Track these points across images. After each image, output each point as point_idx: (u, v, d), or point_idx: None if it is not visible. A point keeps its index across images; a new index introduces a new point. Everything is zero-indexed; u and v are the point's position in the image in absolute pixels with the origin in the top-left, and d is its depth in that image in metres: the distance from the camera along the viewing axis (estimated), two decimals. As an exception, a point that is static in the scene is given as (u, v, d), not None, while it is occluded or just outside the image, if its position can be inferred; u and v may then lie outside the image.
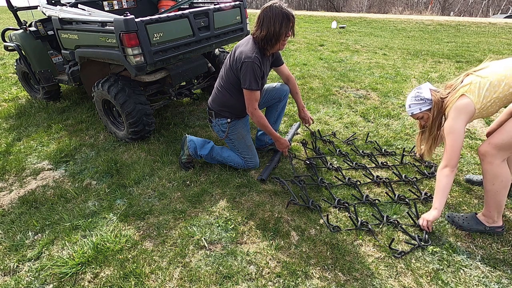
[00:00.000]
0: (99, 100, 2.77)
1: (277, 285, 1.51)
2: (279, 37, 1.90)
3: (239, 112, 2.20)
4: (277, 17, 1.84)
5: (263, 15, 1.88)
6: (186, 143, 2.34)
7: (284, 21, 1.86)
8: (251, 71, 1.92)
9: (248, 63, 1.91)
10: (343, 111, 3.29)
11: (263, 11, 1.89)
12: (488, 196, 1.66)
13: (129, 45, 2.17)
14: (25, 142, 2.96)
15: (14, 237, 1.87)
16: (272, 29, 1.86)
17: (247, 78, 1.94)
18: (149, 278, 1.56)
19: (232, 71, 2.04)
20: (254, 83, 1.96)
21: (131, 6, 3.74)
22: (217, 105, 2.20)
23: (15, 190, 2.30)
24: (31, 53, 3.36)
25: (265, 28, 1.88)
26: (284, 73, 2.38)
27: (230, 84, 2.10)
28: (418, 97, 1.82)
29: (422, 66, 4.85)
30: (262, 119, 2.09)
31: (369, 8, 20.17)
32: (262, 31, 1.89)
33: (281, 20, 1.85)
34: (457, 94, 1.64)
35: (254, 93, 2.00)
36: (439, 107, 1.76)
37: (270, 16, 1.85)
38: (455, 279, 1.51)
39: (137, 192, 2.20)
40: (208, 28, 2.76)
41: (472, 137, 2.73)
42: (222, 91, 2.15)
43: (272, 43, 1.93)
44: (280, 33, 1.88)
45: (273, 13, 1.84)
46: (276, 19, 1.84)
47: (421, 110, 1.83)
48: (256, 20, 1.93)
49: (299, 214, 1.93)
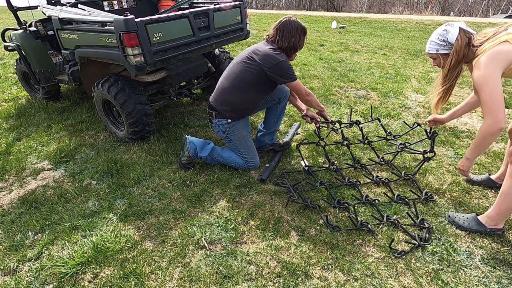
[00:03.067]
0: (99, 100, 2.78)
1: (277, 285, 1.51)
2: (297, 48, 2.10)
3: (240, 112, 2.21)
4: (297, 31, 2.05)
5: (283, 27, 2.05)
6: (186, 144, 2.34)
7: (303, 34, 2.09)
8: (289, 67, 2.06)
9: (283, 62, 2.03)
10: (343, 111, 3.29)
11: (283, 23, 2.06)
12: (504, 199, 1.59)
13: (129, 45, 2.17)
14: (25, 142, 2.96)
15: (14, 237, 1.87)
16: (293, 40, 2.06)
17: (289, 72, 2.05)
18: (149, 278, 1.56)
19: (249, 71, 2.06)
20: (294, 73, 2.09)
21: (131, 6, 3.74)
22: (220, 104, 2.19)
23: (15, 190, 2.30)
24: (31, 53, 3.36)
25: (286, 39, 2.05)
26: None
27: (240, 85, 2.11)
28: (442, 36, 1.59)
29: (422, 66, 4.85)
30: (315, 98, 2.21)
31: (369, 8, 20.17)
32: (284, 42, 2.06)
33: (300, 33, 2.07)
34: (498, 41, 1.42)
35: (300, 82, 2.12)
36: (460, 56, 1.55)
37: (291, 29, 2.04)
38: (455, 279, 1.51)
39: (137, 192, 2.20)
40: (208, 28, 2.76)
41: (472, 137, 2.72)
42: (228, 91, 2.15)
43: (291, 53, 2.12)
44: (299, 45, 2.10)
45: (293, 27, 2.04)
46: (296, 32, 2.05)
47: (437, 51, 1.63)
48: (274, 31, 2.08)
49: (299, 214, 1.93)
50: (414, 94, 3.71)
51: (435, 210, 1.92)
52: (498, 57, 1.40)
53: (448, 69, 1.61)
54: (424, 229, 1.75)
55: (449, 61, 1.58)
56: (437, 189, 2.10)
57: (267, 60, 2.00)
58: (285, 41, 2.05)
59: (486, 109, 1.44)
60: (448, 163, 2.38)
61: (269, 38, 2.11)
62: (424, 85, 3.99)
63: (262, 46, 2.08)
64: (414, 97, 3.64)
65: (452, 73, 1.62)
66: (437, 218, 1.86)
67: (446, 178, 2.21)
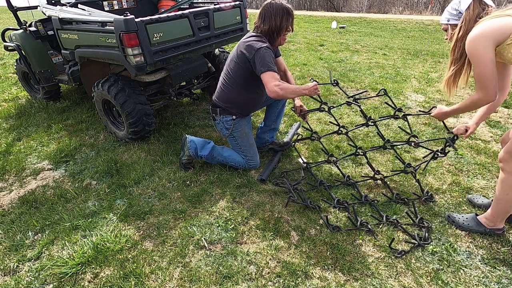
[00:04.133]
0: (99, 100, 2.77)
1: (277, 285, 1.51)
2: (280, 31, 2.01)
3: (244, 109, 2.22)
4: (278, 12, 1.97)
5: (264, 11, 2.00)
6: (186, 143, 2.34)
7: (285, 15, 1.98)
8: (266, 55, 1.94)
9: (261, 49, 1.95)
10: (343, 111, 3.28)
11: (264, 7, 2.00)
12: (498, 204, 1.61)
13: (129, 45, 2.17)
14: (25, 142, 2.96)
15: (14, 237, 1.87)
16: (274, 23, 1.98)
17: (263, 62, 1.92)
18: (149, 278, 1.56)
19: (239, 65, 2.05)
20: (271, 63, 1.93)
21: (131, 6, 3.74)
22: (223, 101, 2.20)
23: (15, 190, 2.30)
24: (31, 53, 3.36)
25: (267, 22, 1.99)
26: (282, 65, 2.38)
27: (235, 80, 2.11)
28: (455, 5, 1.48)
29: (422, 66, 4.85)
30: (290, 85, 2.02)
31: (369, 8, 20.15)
32: (265, 25, 2.00)
33: (282, 14, 1.97)
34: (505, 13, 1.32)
35: (274, 74, 1.93)
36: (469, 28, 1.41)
37: (271, 11, 1.97)
38: (455, 279, 1.51)
39: (137, 192, 2.20)
40: (208, 28, 2.76)
41: (472, 137, 2.72)
42: (227, 87, 2.16)
43: (274, 36, 2.04)
44: (281, 27, 2.00)
45: (274, 9, 1.97)
46: (277, 14, 1.97)
47: (448, 21, 1.53)
48: (257, 16, 2.04)
49: (299, 214, 1.93)
50: (414, 94, 3.71)
51: (435, 210, 1.92)
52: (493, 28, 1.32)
53: (455, 40, 1.47)
54: (424, 229, 1.76)
55: (457, 31, 1.46)
56: (437, 189, 2.10)
57: (248, 50, 1.97)
58: (266, 24, 1.99)
59: (478, 83, 1.42)
60: (448, 163, 2.38)
61: (254, 25, 2.08)
62: (424, 85, 3.99)
63: (247, 36, 2.07)
64: (414, 97, 3.64)
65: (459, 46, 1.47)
66: (437, 218, 1.86)
67: (446, 178, 2.21)
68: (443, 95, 3.65)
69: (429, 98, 3.56)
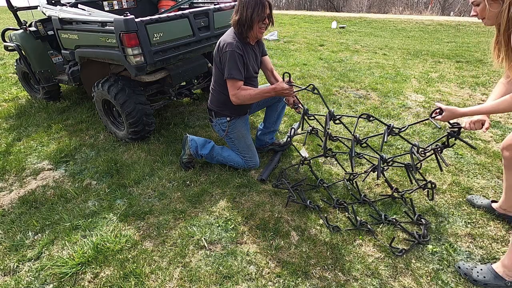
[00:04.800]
0: (99, 100, 2.78)
1: (277, 285, 1.51)
2: (252, 22, 1.88)
3: (237, 110, 2.19)
4: (250, 2, 1.85)
5: (238, 2, 1.90)
6: (187, 142, 2.34)
7: (257, 6, 1.85)
8: (232, 60, 1.88)
9: (228, 51, 1.88)
10: (343, 111, 3.28)
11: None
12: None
13: (129, 45, 2.17)
14: (25, 142, 2.96)
15: (14, 237, 1.87)
16: (245, 14, 1.86)
17: (228, 67, 1.89)
18: (149, 278, 1.56)
19: (217, 66, 2.03)
20: (236, 71, 1.89)
21: (131, 6, 3.74)
22: (215, 105, 2.21)
23: (15, 190, 2.30)
24: (31, 53, 3.36)
25: (238, 13, 1.89)
26: (268, 64, 2.29)
27: (220, 83, 2.08)
28: None
29: (422, 66, 4.85)
30: (248, 91, 1.94)
31: (369, 8, 20.15)
32: (236, 15, 1.90)
33: (254, 5, 1.84)
34: None
35: (236, 83, 1.91)
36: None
37: (244, 1, 1.86)
38: (455, 279, 1.51)
39: (137, 192, 2.20)
40: (208, 28, 2.76)
41: (472, 137, 2.72)
42: (216, 90, 2.16)
43: (245, 28, 1.91)
44: (253, 19, 1.87)
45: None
46: (249, 5, 1.85)
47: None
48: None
49: (299, 214, 1.93)
50: (414, 94, 3.71)
51: (435, 210, 1.92)
52: None
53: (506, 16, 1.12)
54: (422, 226, 1.76)
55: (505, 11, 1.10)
56: (437, 189, 2.10)
57: (220, 49, 1.94)
58: (237, 15, 1.89)
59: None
60: (448, 163, 2.37)
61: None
62: (424, 85, 3.99)
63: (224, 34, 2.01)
64: (414, 97, 3.64)
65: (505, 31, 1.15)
66: (437, 218, 1.86)
67: (446, 178, 2.21)
68: (443, 95, 3.65)
69: (429, 98, 3.56)
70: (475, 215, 1.87)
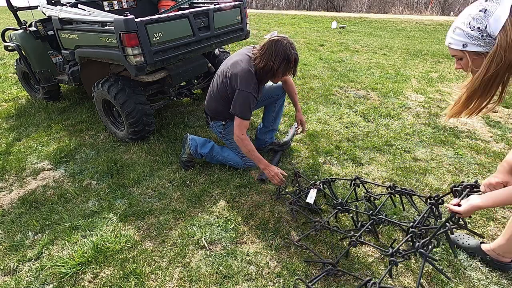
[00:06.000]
0: (99, 100, 2.78)
1: (277, 285, 1.51)
2: (275, 74, 1.90)
3: (232, 116, 2.21)
4: (278, 56, 1.82)
5: (267, 46, 1.86)
6: (187, 141, 2.35)
7: (284, 62, 1.84)
8: (247, 102, 1.91)
9: (245, 93, 1.89)
10: (343, 111, 3.29)
11: (269, 42, 1.86)
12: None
13: (129, 45, 2.17)
14: (25, 142, 2.96)
15: (14, 237, 1.87)
16: (271, 64, 1.84)
17: (242, 107, 1.92)
18: (149, 278, 1.56)
19: (225, 86, 2.03)
20: (247, 112, 1.94)
21: (131, 6, 3.74)
22: (210, 111, 2.25)
23: (15, 190, 2.30)
24: (31, 53, 3.36)
25: (264, 60, 1.86)
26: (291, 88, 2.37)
27: (220, 96, 2.10)
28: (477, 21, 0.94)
29: (422, 66, 4.85)
30: (249, 146, 1.99)
31: (369, 8, 20.16)
32: (261, 62, 1.88)
33: (282, 60, 1.83)
34: None
35: (244, 122, 1.96)
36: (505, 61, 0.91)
37: (273, 51, 1.83)
38: (455, 279, 1.51)
39: (137, 192, 2.20)
40: (208, 28, 2.76)
41: (472, 137, 2.72)
42: (214, 99, 2.17)
43: (268, 76, 1.94)
44: (278, 71, 1.87)
45: (276, 50, 1.82)
46: (277, 58, 1.82)
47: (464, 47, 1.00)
48: (260, 47, 1.91)
49: (299, 214, 1.93)
50: (414, 94, 3.71)
51: (435, 210, 1.92)
52: None
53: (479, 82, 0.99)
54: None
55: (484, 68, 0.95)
56: (437, 189, 2.10)
57: (235, 82, 1.93)
58: (262, 61, 1.87)
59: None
60: (448, 163, 2.38)
61: (254, 51, 1.97)
62: (424, 85, 3.99)
63: (243, 63, 1.95)
64: (414, 97, 3.64)
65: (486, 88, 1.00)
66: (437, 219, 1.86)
67: (446, 178, 2.21)
68: (443, 95, 3.65)
69: (429, 98, 3.56)
70: (475, 215, 1.87)
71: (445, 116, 1.33)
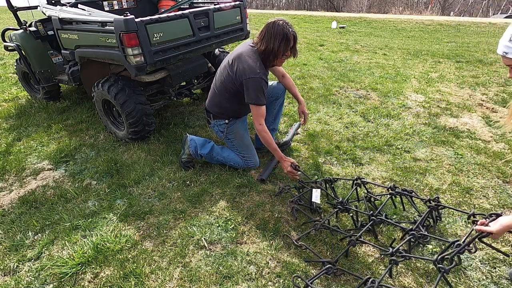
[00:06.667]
0: (99, 100, 2.78)
1: (277, 285, 1.51)
2: (277, 54, 1.95)
3: (236, 114, 2.23)
4: (277, 35, 1.89)
5: (265, 29, 1.94)
6: (187, 142, 2.35)
7: (284, 40, 1.90)
8: (260, 87, 1.95)
9: (256, 79, 1.93)
10: (343, 111, 3.29)
11: (266, 25, 1.94)
12: None
13: (129, 45, 2.17)
14: (25, 142, 2.96)
15: (14, 237, 1.87)
16: (271, 45, 1.92)
17: (256, 94, 1.95)
18: (149, 278, 1.56)
19: (231, 78, 2.04)
20: (262, 97, 1.98)
21: (131, 6, 3.74)
22: (214, 108, 2.24)
23: (15, 190, 2.30)
24: (31, 53, 3.36)
25: (265, 43, 1.94)
26: (279, 70, 2.37)
27: (225, 89, 2.11)
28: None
29: (422, 66, 4.85)
30: (268, 136, 2.04)
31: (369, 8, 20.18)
32: (262, 45, 1.96)
33: (281, 39, 1.90)
34: None
35: (261, 108, 2.00)
36: None
37: (271, 32, 1.91)
38: (455, 279, 1.51)
39: (137, 192, 2.20)
40: (208, 28, 2.76)
41: (472, 137, 2.72)
42: (218, 94, 2.17)
43: (270, 59, 1.99)
44: (278, 51, 1.93)
45: (274, 30, 1.90)
46: (276, 38, 1.90)
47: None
48: (259, 32, 1.99)
49: (299, 214, 1.93)
50: (414, 94, 3.71)
51: (435, 210, 1.92)
52: None
53: None
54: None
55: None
56: (437, 189, 2.10)
57: (243, 72, 1.95)
58: (263, 45, 1.95)
59: None
60: (448, 163, 2.38)
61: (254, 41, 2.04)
62: (424, 85, 3.99)
63: (246, 53, 2.00)
64: (414, 97, 3.64)
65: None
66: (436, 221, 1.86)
67: (446, 178, 2.21)
68: (443, 95, 3.65)
69: (429, 98, 3.56)
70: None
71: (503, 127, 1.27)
